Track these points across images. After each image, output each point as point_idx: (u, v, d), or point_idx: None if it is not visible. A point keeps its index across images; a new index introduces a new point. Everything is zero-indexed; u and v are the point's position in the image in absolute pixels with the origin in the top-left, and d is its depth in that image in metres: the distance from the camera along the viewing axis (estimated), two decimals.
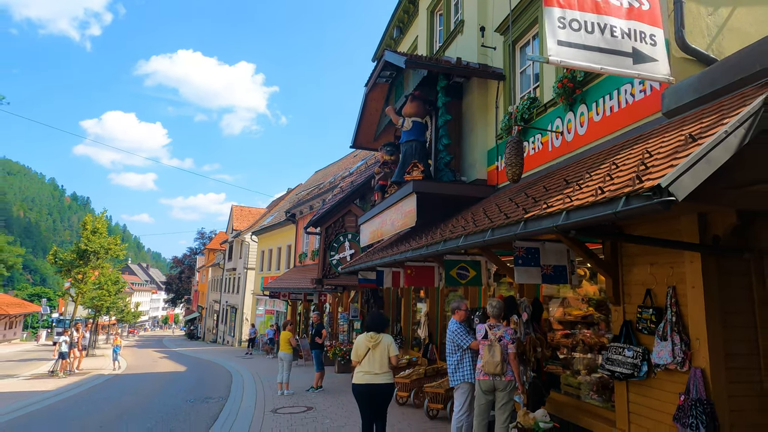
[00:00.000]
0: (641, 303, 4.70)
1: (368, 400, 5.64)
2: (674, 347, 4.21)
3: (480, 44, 8.51)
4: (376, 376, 5.62)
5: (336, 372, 14.56)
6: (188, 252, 66.04)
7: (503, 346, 5.23)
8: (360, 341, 5.84)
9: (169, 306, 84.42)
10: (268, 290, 23.73)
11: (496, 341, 5.26)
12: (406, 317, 12.43)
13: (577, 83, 5.82)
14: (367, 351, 5.71)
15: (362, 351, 5.73)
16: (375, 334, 5.80)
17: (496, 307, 5.57)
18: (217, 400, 10.73)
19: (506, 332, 5.32)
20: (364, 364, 5.69)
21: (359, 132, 11.90)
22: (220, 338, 40.99)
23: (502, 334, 5.29)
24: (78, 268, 16.90)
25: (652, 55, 4.26)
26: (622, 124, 5.24)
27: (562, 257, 5.03)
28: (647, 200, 2.78)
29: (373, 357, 5.68)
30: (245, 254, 34.85)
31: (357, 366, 5.76)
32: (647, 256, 4.72)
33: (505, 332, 5.32)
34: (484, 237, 4.72)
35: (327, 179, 26.66)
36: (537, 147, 6.87)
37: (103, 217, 18.25)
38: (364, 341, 5.78)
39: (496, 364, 5.16)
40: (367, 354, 5.70)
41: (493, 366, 5.19)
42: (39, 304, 49.07)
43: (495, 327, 5.40)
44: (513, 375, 5.23)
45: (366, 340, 5.77)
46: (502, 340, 5.27)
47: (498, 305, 5.58)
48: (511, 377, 5.22)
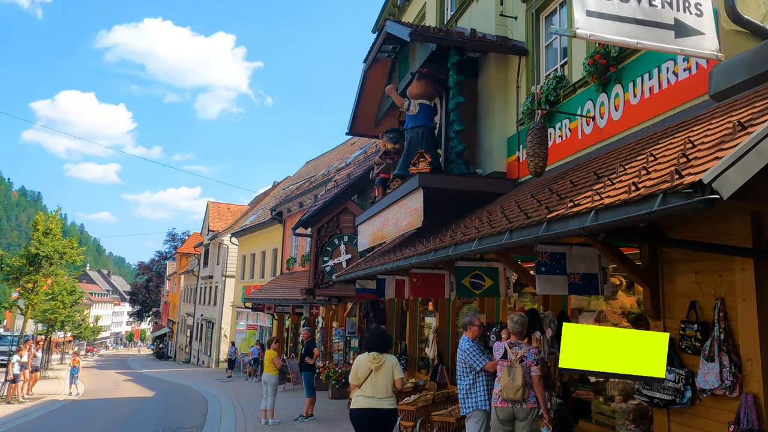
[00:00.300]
0: (684, 317, 4.75)
1: (368, 428, 5.80)
2: (722, 369, 4.26)
3: (498, 13, 8.55)
4: (378, 401, 5.76)
5: (330, 398, 14.64)
6: (157, 257, 66.50)
7: (525, 368, 5.25)
8: (360, 362, 5.98)
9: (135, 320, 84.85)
10: (250, 302, 23.85)
11: (518, 362, 5.27)
12: (412, 334, 12.49)
13: (611, 60, 5.87)
14: (369, 373, 5.84)
15: (363, 373, 5.88)
16: (378, 354, 5.94)
17: (518, 322, 5.57)
18: (190, 430, 10.83)
19: (529, 352, 5.34)
20: (365, 387, 5.82)
21: (357, 116, 11.96)
22: (194, 358, 41.18)
23: (525, 354, 5.30)
24: (28, 276, 17.01)
25: (697, 28, 4.30)
26: (663, 108, 5.28)
27: (592, 264, 5.08)
28: (687, 198, 2.83)
29: (375, 380, 5.81)
30: (223, 259, 35.00)
31: (356, 390, 5.91)
32: (691, 262, 4.76)
33: (527, 352, 5.34)
34: (501, 240, 4.77)
35: (320, 171, 26.75)
36: (564, 134, 6.92)
37: (57, 216, 18.38)
38: (366, 362, 5.92)
39: (517, 389, 5.16)
40: (368, 376, 5.83)
41: (513, 391, 5.18)
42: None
43: (516, 345, 5.40)
44: (536, 401, 5.26)
45: (368, 361, 5.91)
46: (525, 361, 5.28)
47: (521, 321, 5.60)
48: (534, 404, 5.24)
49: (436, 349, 10.68)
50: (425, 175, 7.82)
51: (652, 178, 3.44)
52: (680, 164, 3.26)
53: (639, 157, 4.28)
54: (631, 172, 3.91)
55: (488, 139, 8.48)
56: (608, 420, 6.00)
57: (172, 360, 47.28)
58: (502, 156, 8.28)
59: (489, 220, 5.81)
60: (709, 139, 3.51)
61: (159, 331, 58.95)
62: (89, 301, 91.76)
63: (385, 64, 10.84)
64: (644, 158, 4.05)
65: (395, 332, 13.69)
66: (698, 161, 3.17)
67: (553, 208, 4.32)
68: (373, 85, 11.29)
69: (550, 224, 4.11)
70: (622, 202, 3.36)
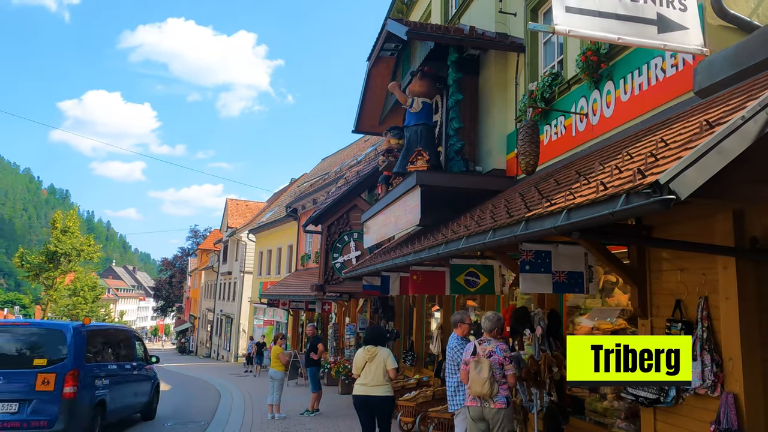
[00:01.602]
0: (670, 316, 4.70)
1: (366, 412, 6.63)
2: (704, 368, 4.22)
3: (498, 10, 8.51)
4: (372, 388, 6.53)
5: (339, 393, 14.76)
6: (180, 253, 67.33)
7: (494, 363, 5.18)
8: (358, 354, 6.85)
9: (159, 315, 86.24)
10: (266, 298, 24.13)
11: (485, 357, 5.22)
12: (419, 330, 12.53)
13: (602, 56, 5.81)
14: (365, 364, 6.66)
15: (360, 364, 6.71)
16: (372, 347, 6.75)
17: (491, 320, 5.54)
18: (199, 423, 11.01)
19: (498, 347, 5.27)
20: (362, 376, 6.67)
21: (362, 114, 12.01)
22: (214, 353, 41.78)
23: (493, 349, 5.25)
24: (47, 272, 17.45)
25: (680, 23, 4.24)
26: (652, 104, 5.23)
27: (578, 262, 5.06)
28: (646, 198, 2.82)
29: (369, 370, 6.61)
30: (241, 256, 35.42)
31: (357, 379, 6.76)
32: (677, 261, 4.71)
33: (496, 347, 5.27)
34: (485, 239, 4.78)
35: (333, 168, 26.88)
36: (560, 132, 6.87)
37: (75, 214, 18.79)
38: (362, 354, 6.75)
39: (483, 382, 5.08)
40: (365, 367, 6.65)
41: (479, 384, 5.11)
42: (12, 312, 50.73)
43: (485, 342, 5.38)
44: (505, 402, 5.15)
45: (363, 353, 6.73)
46: (493, 356, 5.21)
47: (494, 318, 5.57)
48: (503, 404, 5.14)
49: (441, 345, 10.69)
50: (422, 173, 7.83)
51: (621, 177, 3.42)
52: (647, 163, 3.23)
53: (618, 155, 4.24)
54: (606, 171, 3.88)
55: (488, 136, 8.46)
56: (600, 418, 5.96)
57: (193, 354, 48.01)
58: (502, 153, 8.25)
59: (479, 218, 5.81)
60: (681, 137, 3.48)
61: (181, 326, 59.86)
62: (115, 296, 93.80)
63: (389, 62, 10.85)
64: (622, 157, 4.03)
65: (403, 328, 13.74)
66: (665, 161, 3.15)
67: (533, 207, 4.32)
68: (377, 83, 11.32)
69: (528, 223, 4.11)
70: (591, 202, 3.35)
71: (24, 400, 7.62)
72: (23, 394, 7.63)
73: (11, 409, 7.58)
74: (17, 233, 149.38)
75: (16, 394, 7.63)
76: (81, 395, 7.99)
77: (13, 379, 7.70)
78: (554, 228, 3.64)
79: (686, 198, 2.77)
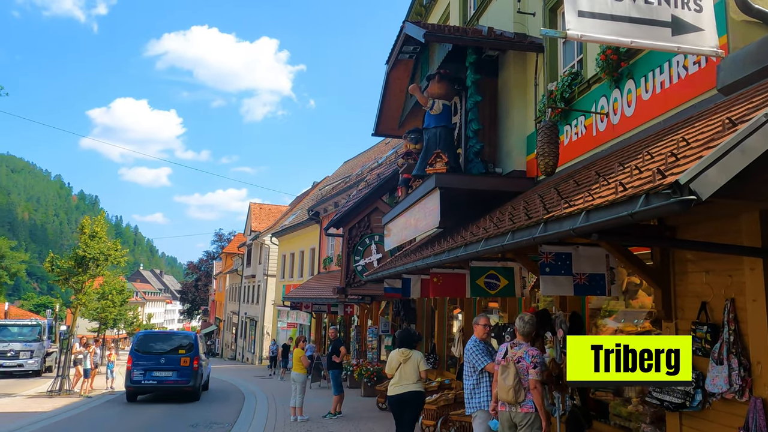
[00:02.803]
0: (696, 319, 4.60)
1: (399, 409, 7.16)
2: (731, 372, 4.11)
3: (516, 10, 8.44)
4: (405, 386, 7.09)
5: (362, 395, 14.77)
6: (205, 256, 68.13)
7: (522, 369, 5.05)
8: (393, 356, 7.36)
9: (185, 318, 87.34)
10: (289, 300, 24.27)
11: (514, 362, 5.10)
12: (441, 333, 12.47)
13: (622, 55, 5.72)
14: (399, 365, 7.17)
15: (395, 365, 7.22)
16: (406, 350, 7.28)
17: (528, 323, 5.33)
18: (222, 426, 11.12)
19: (527, 353, 5.12)
20: (397, 376, 7.17)
21: (382, 117, 12.03)
22: (239, 355, 42.21)
23: (522, 355, 5.11)
24: (76, 277, 17.82)
25: (696, 24, 4.16)
26: (673, 103, 5.12)
27: (599, 264, 4.98)
28: (666, 199, 2.75)
29: (404, 370, 7.14)
30: (265, 259, 35.71)
31: (391, 379, 7.30)
32: (703, 262, 4.61)
33: (525, 353, 5.12)
34: (503, 241, 4.73)
35: (355, 171, 26.95)
36: (580, 132, 6.78)
37: (103, 219, 19.15)
38: (396, 356, 7.26)
39: (508, 389, 5.00)
40: (399, 368, 7.16)
41: (504, 391, 5.03)
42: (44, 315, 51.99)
43: (517, 346, 5.22)
44: (532, 406, 5.03)
45: (398, 355, 7.24)
46: (521, 362, 5.08)
47: (530, 321, 5.36)
48: (530, 409, 5.03)
49: (462, 348, 10.60)
50: (441, 176, 7.79)
51: (641, 177, 3.35)
52: (668, 163, 3.16)
53: (639, 155, 4.16)
54: (626, 171, 3.81)
55: (508, 137, 8.39)
56: (625, 422, 5.85)
57: (219, 357, 48.53)
58: (522, 154, 8.17)
59: (498, 220, 5.75)
60: (703, 136, 3.39)
61: (207, 329, 60.58)
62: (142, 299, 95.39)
63: (407, 65, 10.85)
64: (642, 157, 3.95)
65: (425, 331, 13.69)
66: (686, 160, 3.08)
67: (552, 209, 4.26)
68: (396, 86, 11.31)
69: (547, 225, 4.05)
70: (610, 203, 3.29)
71: (175, 369, 14.72)
72: (174, 367, 14.74)
73: (170, 374, 14.67)
74: (49, 238, 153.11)
75: (172, 367, 14.74)
76: (199, 368, 15.20)
77: (171, 360, 14.82)
78: (573, 230, 3.58)
79: (708, 198, 2.70)
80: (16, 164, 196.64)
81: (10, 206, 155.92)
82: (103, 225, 18.25)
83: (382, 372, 14.78)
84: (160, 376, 14.62)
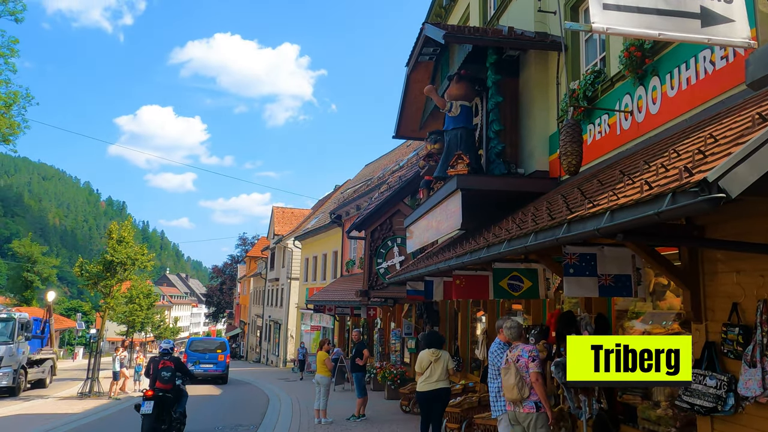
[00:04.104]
0: (727, 320, 4.48)
1: (429, 404, 7.82)
2: (765, 376, 4.00)
3: (537, 9, 8.34)
4: (435, 383, 7.76)
5: (386, 398, 14.73)
6: (229, 260, 68.91)
7: (521, 367, 5.26)
8: (423, 355, 8.02)
9: (211, 321, 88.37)
10: (312, 303, 24.36)
11: (513, 363, 5.33)
12: (464, 335, 12.38)
13: (646, 51, 5.61)
14: (430, 364, 7.84)
15: (425, 364, 7.88)
16: (437, 350, 8.01)
17: (511, 328, 5.72)
18: (248, 428, 11.20)
19: (524, 350, 5.38)
20: (427, 374, 7.82)
21: (402, 119, 12.00)
22: (263, 357, 42.52)
23: (519, 354, 5.35)
24: (104, 281, 18.16)
25: (726, 15, 4.04)
26: (700, 99, 5.00)
27: (625, 265, 4.87)
28: (693, 197, 2.68)
29: (434, 369, 7.82)
30: (288, 262, 35.92)
31: (420, 376, 7.95)
32: (733, 262, 4.49)
33: (522, 350, 5.38)
34: (526, 242, 4.67)
35: (376, 174, 26.96)
36: (604, 130, 6.66)
37: (129, 224, 19.50)
38: (427, 356, 7.94)
39: (511, 388, 5.21)
40: (429, 366, 7.83)
41: (509, 390, 5.25)
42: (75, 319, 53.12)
43: (514, 348, 5.51)
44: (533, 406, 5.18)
45: (428, 355, 7.93)
46: (520, 360, 5.30)
47: (513, 325, 5.73)
48: (531, 409, 5.17)
49: (486, 350, 10.52)
50: (463, 177, 7.73)
51: (668, 176, 3.28)
52: (695, 161, 3.08)
53: (665, 153, 4.07)
54: (652, 170, 3.73)
55: (530, 137, 8.29)
56: (654, 426, 5.72)
57: (244, 359, 48.98)
58: (544, 154, 8.07)
59: (521, 221, 5.69)
60: (732, 132, 3.30)
61: (232, 332, 61.18)
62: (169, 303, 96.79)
63: (428, 66, 10.81)
64: (668, 155, 3.86)
65: (448, 333, 13.61)
66: (714, 157, 3.00)
67: (575, 209, 4.19)
68: (417, 88, 11.27)
69: (570, 225, 3.99)
70: (635, 202, 3.22)
71: (215, 363, 21.98)
72: (214, 360, 21.94)
73: (212, 366, 21.77)
74: (79, 243, 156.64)
75: (213, 361, 21.96)
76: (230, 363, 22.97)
77: (211, 356, 21.96)
78: (597, 230, 3.52)
79: (737, 196, 2.63)
80: (47, 172, 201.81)
81: (41, 212, 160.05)
82: (130, 230, 18.60)
83: (406, 375, 14.78)
84: (205, 366, 21.99)
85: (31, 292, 51.35)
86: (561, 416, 6.43)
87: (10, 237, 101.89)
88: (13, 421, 13.47)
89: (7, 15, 20.23)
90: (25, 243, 53.55)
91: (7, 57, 19.79)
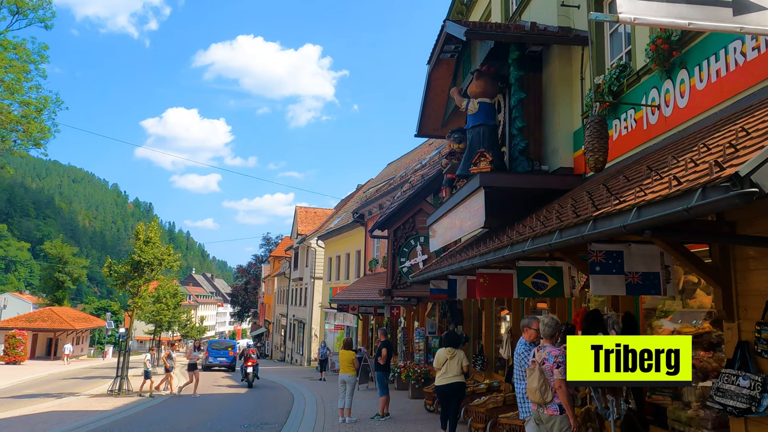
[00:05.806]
0: (760, 319, 4.35)
1: (445, 397, 8.61)
2: None
3: (560, 3, 8.22)
4: (451, 378, 8.57)
5: (410, 397, 14.71)
6: (253, 260, 69.66)
7: (546, 370, 5.13)
8: (441, 353, 8.81)
9: (236, 320, 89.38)
10: (336, 303, 24.46)
11: (539, 365, 5.20)
12: (488, 334, 12.29)
13: (674, 44, 5.47)
14: (446, 361, 8.64)
15: (442, 360, 8.71)
16: (452, 349, 8.77)
17: (548, 325, 5.37)
18: (273, 426, 11.29)
19: (550, 354, 5.16)
20: (443, 370, 8.64)
21: (424, 118, 11.97)
22: (288, 356, 42.84)
23: (546, 357, 5.16)
24: (132, 281, 18.50)
25: (759, 2, 3.90)
26: (731, 92, 4.86)
27: (653, 262, 4.77)
28: (724, 193, 2.60)
29: (450, 365, 8.61)
30: (311, 262, 36.12)
31: (437, 373, 8.79)
32: (766, 258, 4.35)
33: (548, 354, 5.16)
34: (551, 240, 4.60)
35: (399, 173, 26.94)
36: (630, 125, 6.54)
37: (156, 225, 19.82)
38: (444, 354, 8.73)
39: (534, 391, 5.12)
40: (445, 363, 8.64)
41: (531, 393, 5.16)
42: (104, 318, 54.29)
43: (542, 348, 5.32)
44: (557, 409, 5.06)
45: (445, 353, 8.73)
46: (545, 363, 5.15)
47: (551, 323, 5.39)
48: (554, 411, 5.06)
49: (511, 349, 10.41)
50: (486, 175, 7.66)
51: (697, 171, 3.19)
52: (726, 155, 3.00)
53: (694, 148, 3.96)
54: (681, 165, 3.63)
55: (554, 134, 8.18)
56: (684, 428, 5.59)
57: (268, 358, 49.43)
58: (569, 151, 7.95)
59: (545, 219, 5.61)
60: (765, 125, 3.20)
61: (257, 331, 61.81)
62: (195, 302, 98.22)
63: (449, 64, 10.75)
64: (697, 149, 3.76)
65: (472, 332, 13.52)
66: (746, 151, 2.91)
67: (601, 206, 4.11)
68: (438, 86, 11.23)
69: (596, 222, 3.91)
70: (663, 198, 3.14)
71: (226, 357, 31.25)
72: (225, 355, 31.35)
73: (224, 360, 31.06)
74: (108, 244, 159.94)
75: (224, 355, 31.39)
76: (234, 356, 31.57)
77: (223, 352, 31.55)
78: (624, 227, 3.44)
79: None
80: (77, 174, 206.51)
81: (72, 214, 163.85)
82: (156, 231, 18.91)
83: (430, 374, 14.73)
84: (220, 359, 30.66)
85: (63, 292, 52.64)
86: (588, 416, 6.32)
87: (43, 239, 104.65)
88: (48, 416, 13.85)
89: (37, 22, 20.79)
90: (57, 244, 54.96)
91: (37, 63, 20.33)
